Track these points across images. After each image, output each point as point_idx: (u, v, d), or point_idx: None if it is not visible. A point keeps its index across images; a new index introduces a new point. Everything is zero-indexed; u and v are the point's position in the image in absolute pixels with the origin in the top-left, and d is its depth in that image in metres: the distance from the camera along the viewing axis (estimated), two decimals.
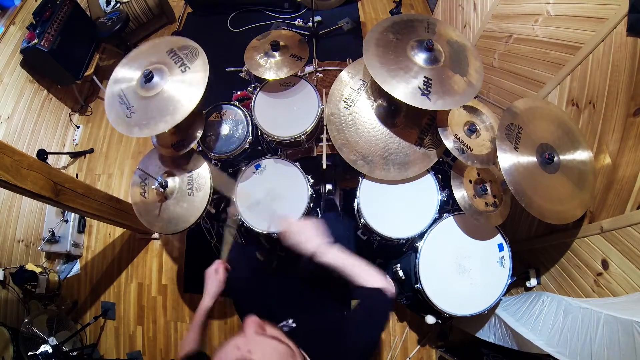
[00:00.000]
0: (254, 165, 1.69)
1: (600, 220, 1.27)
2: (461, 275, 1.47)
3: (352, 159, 1.51)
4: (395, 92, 1.24)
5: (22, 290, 2.29)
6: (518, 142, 1.25)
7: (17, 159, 1.42)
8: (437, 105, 1.24)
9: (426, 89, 1.25)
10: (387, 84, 1.26)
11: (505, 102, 1.84)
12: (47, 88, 2.80)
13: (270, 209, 1.62)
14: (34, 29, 2.48)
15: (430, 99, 1.24)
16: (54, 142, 2.85)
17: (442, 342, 2.08)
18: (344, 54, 2.05)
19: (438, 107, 1.24)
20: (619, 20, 1.19)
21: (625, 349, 0.97)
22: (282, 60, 1.69)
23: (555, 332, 1.26)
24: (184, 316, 2.36)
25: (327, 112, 1.57)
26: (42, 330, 2.04)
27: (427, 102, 1.23)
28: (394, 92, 1.24)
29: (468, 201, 1.42)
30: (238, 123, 1.78)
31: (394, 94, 1.24)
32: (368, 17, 3.22)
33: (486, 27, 2.00)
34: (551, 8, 1.51)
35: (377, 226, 1.53)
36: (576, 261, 1.38)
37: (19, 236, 2.45)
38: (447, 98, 1.25)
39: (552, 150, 1.28)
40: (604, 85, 1.28)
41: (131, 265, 2.53)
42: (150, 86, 1.43)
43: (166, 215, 1.62)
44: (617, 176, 1.22)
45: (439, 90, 1.25)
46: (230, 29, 3.25)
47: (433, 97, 1.24)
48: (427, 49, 1.31)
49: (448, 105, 1.26)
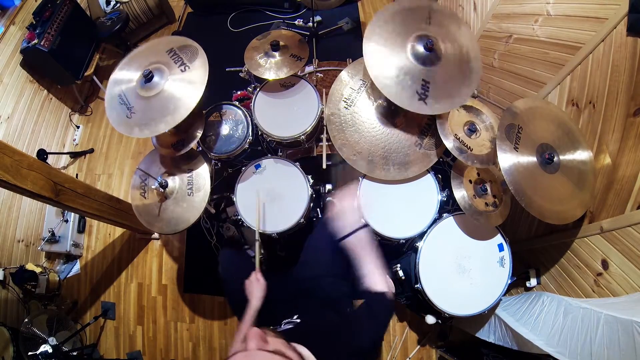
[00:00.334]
0: (254, 165, 1.69)
1: (600, 220, 1.27)
2: (461, 275, 1.47)
3: (352, 159, 1.51)
4: (395, 99, 1.25)
5: (22, 290, 2.29)
6: (518, 142, 1.25)
7: (17, 159, 1.41)
8: (433, 109, 1.25)
9: (423, 93, 1.25)
10: (387, 89, 1.26)
11: (505, 102, 1.84)
12: (47, 88, 2.79)
13: (271, 210, 1.62)
14: (34, 29, 2.48)
15: (427, 104, 1.25)
16: (54, 142, 2.85)
17: (442, 342, 2.07)
18: (344, 54, 2.06)
19: (435, 111, 1.26)
20: (619, 20, 1.19)
21: (625, 349, 0.97)
22: (282, 60, 1.69)
23: (555, 332, 1.26)
24: (184, 316, 2.36)
25: (327, 112, 1.57)
26: (42, 330, 2.04)
27: (424, 107, 1.25)
28: (395, 99, 1.25)
29: (468, 201, 1.42)
30: (238, 123, 1.78)
31: (394, 100, 1.24)
32: (368, 17, 3.22)
33: (486, 27, 2.00)
34: (551, 8, 1.50)
35: (377, 226, 1.53)
36: (576, 261, 1.38)
37: (19, 236, 2.45)
38: (444, 101, 1.26)
39: (552, 150, 1.28)
40: (604, 85, 1.28)
41: (131, 265, 2.53)
42: (150, 86, 1.43)
43: (166, 215, 1.62)
44: (617, 176, 1.22)
45: (436, 94, 1.26)
46: (230, 29, 3.25)
47: (430, 102, 1.25)
48: (427, 49, 1.30)
49: (445, 109, 1.27)
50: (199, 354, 2.28)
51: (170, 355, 2.30)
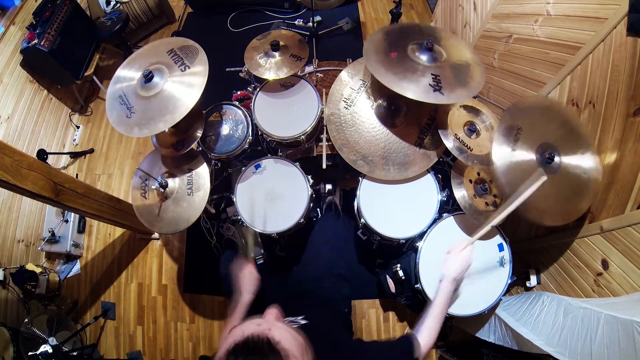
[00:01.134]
0: (254, 165, 1.69)
1: (600, 220, 1.27)
2: None
3: (352, 159, 1.51)
4: (408, 93, 1.24)
5: (22, 290, 2.28)
6: (517, 142, 1.24)
7: (17, 159, 1.41)
8: (450, 98, 1.24)
9: (437, 85, 1.25)
10: (398, 87, 1.25)
11: (505, 102, 1.84)
12: (47, 88, 2.79)
13: (271, 210, 1.62)
14: (34, 29, 2.48)
15: (443, 94, 1.24)
16: (54, 142, 2.85)
17: (442, 342, 2.07)
18: (344, 54, 2.06)
19: (452, 100, 1.25)
20: (619, 20, 1.19)
21: (625, 349, 0.97)
22: (282, 60, 1.69)
23: (555, 332, 1.26)
24: (184, 316, 2.36)
25: (327, 112, 1.57)
26: (42, 330, 2.04)
27: (442, 97, 1.23)
28: (407, 93, 1.24)
29: (468, 201, 1.42)
30: (238, 123, 1.78)
31: (407, 94, 1.24)
32: (368, 17, 3.22)
33: (486, 27, 2.00)
34: (551, 8, 1.50)
35: (377, 226, 1.53)
36: (576, 261, 1.38)
37: (19, 236, 2.45)
38: (458, 90, 1.25)
39: (552, 150, 1.27)
40: (604, 85, 1.28)
41: (131, 265, 2.53)
42: (150, 86, 1.44)
43: (166, 215, 1.62)
44: (617, 176, 1.22)
45: (449, 84, 1.26)
46: (230, 29, 3.25)
47: (446, 92, 1.24)
48: (427, 49, 1.31)
49: (462, 97, 1.27)
50: (199, 354, 2.28)
51: (170, 355, 2.30)
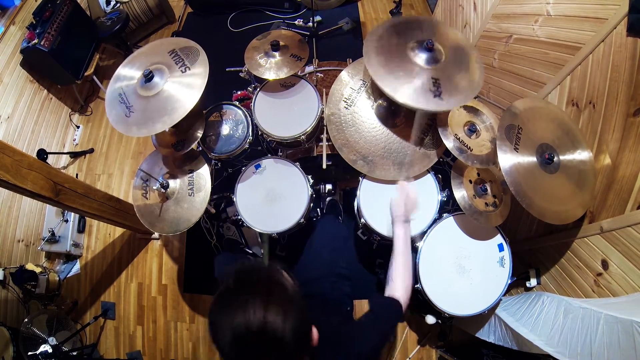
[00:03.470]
0: (254, 165, 1.69)
1: (600, 220, 1.27)
2: (461, 275, 1.47)
3: (352, 159, 1.51)
4: (408, 102, 1.22)
5: (22, 290, 2.28)
6: (518, 142, 1.25)
7: (17, 158, 1.41)
8: (449, 103, 1.22)
9: (437, 90, 1.23)
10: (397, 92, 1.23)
11: (505, 102, 1.84)
12: (47, 88, 2.79)
13: (271, 210, 1.62)
14: (34, 29, 2.48)
15: (443, 99, 1.22)
16: (54, 142, 2.85)
17: (442, 342, 2.07)
18: (344, 54, 2.05)
19: (451, 105, 1.23)
20: (619, 20, 1.19)
21: (625, 349, 0.97)
22: (282, 60, 1.69)
23: (555, 332, 1.26)
24: (184, 316, 2.36)
25: (327, 112, 1.57)
26: (42, 330, 2.04)
27: (442, 103, 1.21)
28: (407, 102, 1.22)
29: (468, 201, 1.42)
30: (238, 123, 1.78)
31: (408, 104, 1.21)
32: (368, 17, 3.22)
33: (486, 27, 2.00)
34: (551, 8, 1.51)
35: (377, 226, 1.53)
36: (576, 261, 1.38)
37: (19, 236, 2.45)
38: (457, 95, 1.24)
39: (552, 150, 1.28)
40: (604, 86, 1.28)
41: (131, 265, 2.53)
42: (150, 86, 1.43)
43: (167, 215, 1.62)
44: (617, 176, 1.22)
45: (449, 90, 1.24)
46: (230, 29, 3.25)
47: (445, 96, 1.22)
48: (427, 49, 1.30)
49: (461, 100, 1.25)
50: (199, 354, 2.28)
51: (170, 355, 2.30)
